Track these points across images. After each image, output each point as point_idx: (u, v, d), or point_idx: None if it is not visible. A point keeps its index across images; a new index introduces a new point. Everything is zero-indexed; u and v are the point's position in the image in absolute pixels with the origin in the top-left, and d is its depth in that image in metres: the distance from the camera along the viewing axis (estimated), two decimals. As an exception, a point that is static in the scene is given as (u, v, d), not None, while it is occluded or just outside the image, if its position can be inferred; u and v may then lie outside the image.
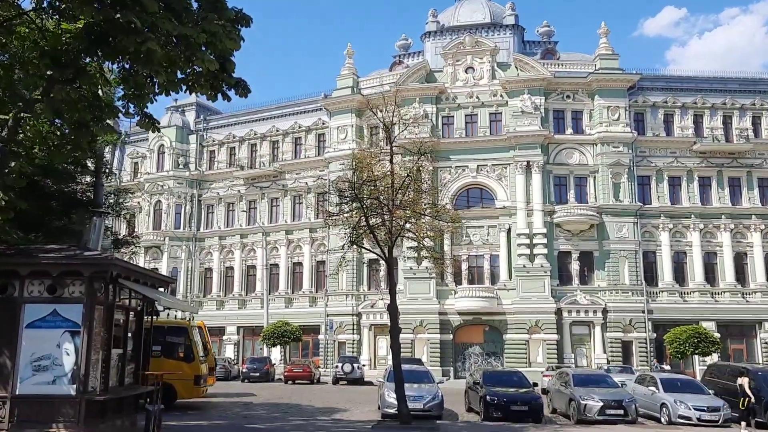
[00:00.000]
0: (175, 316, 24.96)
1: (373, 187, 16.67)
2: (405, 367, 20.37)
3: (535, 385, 19.74)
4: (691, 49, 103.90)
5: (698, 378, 27.08)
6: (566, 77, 42.58)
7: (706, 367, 24.50)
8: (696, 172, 41.68)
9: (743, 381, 16.51)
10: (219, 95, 11.15)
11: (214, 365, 24.36)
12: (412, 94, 42.73)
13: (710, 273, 40.83)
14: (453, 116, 43.51)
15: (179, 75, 10.15)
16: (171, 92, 11.00)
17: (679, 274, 40.80)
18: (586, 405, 17.73)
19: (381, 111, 18.38)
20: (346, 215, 17.19)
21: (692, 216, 41.01)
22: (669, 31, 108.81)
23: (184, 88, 10.32)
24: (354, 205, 16.61)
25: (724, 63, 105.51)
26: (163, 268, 48.15)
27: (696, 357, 36.51)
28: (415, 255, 39.45)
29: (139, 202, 51.34)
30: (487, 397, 17.98)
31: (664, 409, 18.35)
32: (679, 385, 19.24)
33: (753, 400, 16.42)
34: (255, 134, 49.52)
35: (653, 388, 19.39)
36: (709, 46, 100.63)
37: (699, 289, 40.16)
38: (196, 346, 20.05)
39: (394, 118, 18.59)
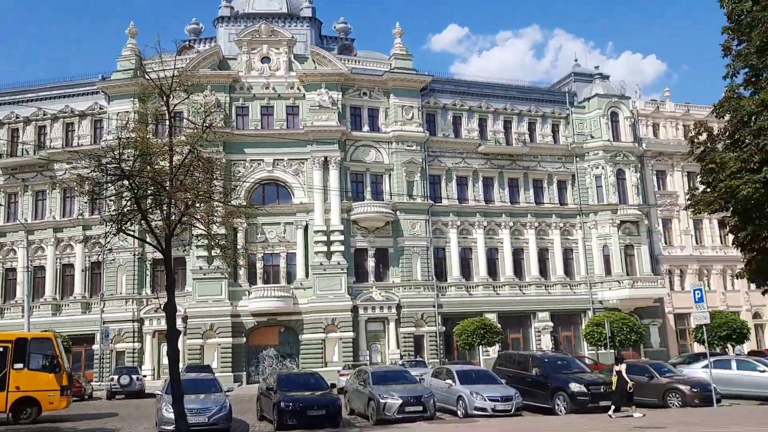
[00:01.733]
0: None
1: (147, 163, 14.17)
2: (190, 375, 18.22)
3: (333, 386, 18.61)
4: (472, 65, 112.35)
5: (482, 367, 28.18)
6: (363, 74, 42.57)
7: (497, 356, 25.23)
8: (481, 172, 43.98)
9: (621, 368, 16.92)
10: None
11: (68, 383, 21.02)
12: (203, 81, 39.71)
13: (493, 268, 43.30)
14: (248, 107, 41.32)
15: None
16: None
17: (466, 269, 42.71)
18: (385, 404, 16.95)
19: (167, 95, 15.84)
20: (113, 197, 14.44)
21: (477, 214, 43.17)
22: (453, 47, 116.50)
23: None
24: (122, 183, 13.96)
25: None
26: None
27: (480, 347, 38.37)
28: (206, 254, 36.74)
29: None
30: (281, 404, 16.43)
31: (460, 401, 18.22)
32: (474, 377, 19.35)
33: (631, 385, 16.99)
34: (17, 117, 42.91)
35: (450, 381, 19.26)
36: (487, 63, 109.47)
37: (483, 283, 42.35)
38: None
39: (182, 101, 16.34)
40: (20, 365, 19.89)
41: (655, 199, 47.18)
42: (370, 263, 40.53)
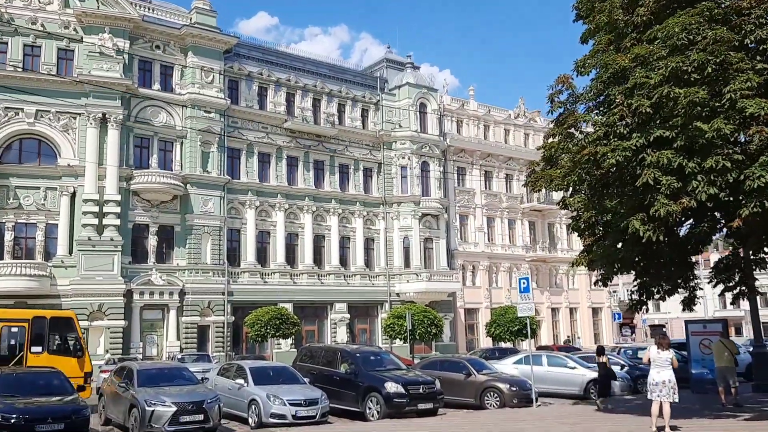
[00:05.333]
0: None
1: None
2: None
3: (82, 389, 13.89)
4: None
5: (274, 361, 24.87)
6: (157, 24, 36.87)
7: (298, 351, 21.80)
8: (285, 150, 40.52)
9: (603, 359, 16.91)
10: None
11: (91, 368, 18.56)
12: (-55, 2, 31.56)
13: (291, 254, 40.14)
14: (7, 43, 33.62)
15: None
16: None
17: (262, 255, 39.06)
18: (153, 412, 12.81)
19: None
20: None
21: (279, 195, 39.69)
22: (261, 35, 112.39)
23: None
24: None
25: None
26: None
27: (272, 340, 35.02)
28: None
29: None
30: (-2, 415, 11.59)
31: (253, 406, 14.54)
32: (272, 375, 15.70)
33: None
34: None
35: (241, 381, 15.48)
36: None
37: (280, 271, 38.99)
38: None
39: None
40: (38, 348, 17.66)
41: (454, 195, 47.41)
42: (152, 242, 35.16)
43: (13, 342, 17.84)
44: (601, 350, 17.56)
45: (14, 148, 33.52)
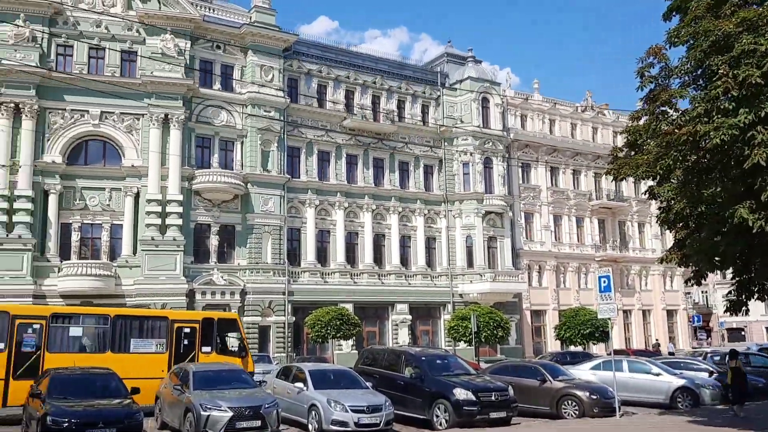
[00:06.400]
0: None
1: None
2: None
3: (135, 392, 13.28)
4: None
5: (335, 363, 24.11)
6: (218, 24, 36.87)
7: (360, 353, 20.92)
8: (345, 148, 39.91)
9: (737, 363, 16.07)
10: None
11: (254, 370, 19.53)
12: (14, 8, 32.31)
13: (351, 253, 39.47)
14: (73, 46, 34.16)
15: None
16: None
17: (322, 254, 38.53)
18: (209, 417, 12.17)
19: None
20: None
21: (338, 194, 39.09)
22: (322, 40, 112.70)
23: None
24: None
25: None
26: None
27: (333, 341, 34.36)
28: (6, 219, 29.66)
29: None
30: (48, 418, 11.10)
31: (313, 412, 13.73)
32: (333, 379, 14.86)
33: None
34: None
35: (300, 385, 14.71)
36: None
37: (340, 270, 38.38)
38: None
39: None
40: (208, 348, 18.56)
41: (519, 192, 45.79)
42: (213, 241, 35.10)
43: (186, 342, 18.48)
44: (734, 354, 16.26)
45: (80, 150, 34.02)
